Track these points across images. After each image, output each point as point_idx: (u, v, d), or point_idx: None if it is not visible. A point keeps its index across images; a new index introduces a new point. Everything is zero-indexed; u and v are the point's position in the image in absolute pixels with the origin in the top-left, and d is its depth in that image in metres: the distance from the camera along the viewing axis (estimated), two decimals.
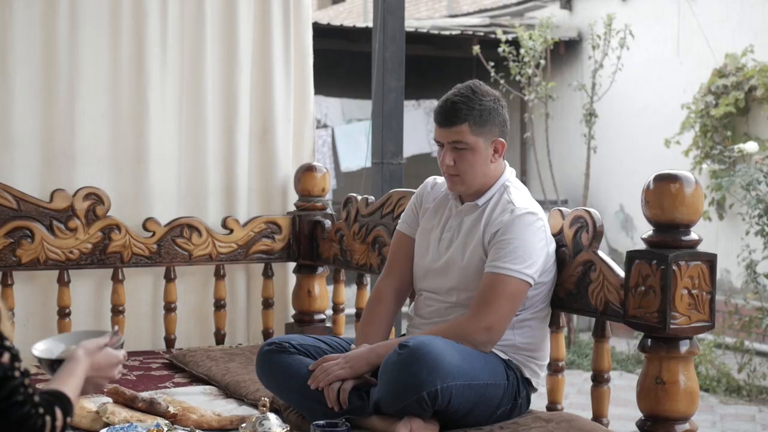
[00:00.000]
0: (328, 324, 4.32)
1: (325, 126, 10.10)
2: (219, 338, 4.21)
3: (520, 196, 2.93)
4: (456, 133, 2.89)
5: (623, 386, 6.62)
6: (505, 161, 3.01)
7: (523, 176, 10.68)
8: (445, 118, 2.90)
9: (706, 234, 8.38)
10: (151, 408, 2.91)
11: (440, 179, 3.14)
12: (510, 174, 3.01)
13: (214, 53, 4.25)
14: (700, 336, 3.09)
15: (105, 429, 2.78)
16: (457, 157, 2.91)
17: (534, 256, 2.83)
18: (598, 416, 2.93)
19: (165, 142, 4.15)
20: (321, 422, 2.60)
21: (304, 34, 4.47)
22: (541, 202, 8.72)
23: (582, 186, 8.64)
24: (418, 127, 10.33)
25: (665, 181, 2.59)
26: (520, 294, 2.83)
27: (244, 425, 2.62)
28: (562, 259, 2.94)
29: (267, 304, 4.29)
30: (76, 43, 4.02)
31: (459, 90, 2.93)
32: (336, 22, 10.37)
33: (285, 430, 2.60)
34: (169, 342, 4.12)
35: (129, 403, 2.93)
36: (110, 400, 2.98)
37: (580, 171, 8.84)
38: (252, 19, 4.32)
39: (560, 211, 3.00)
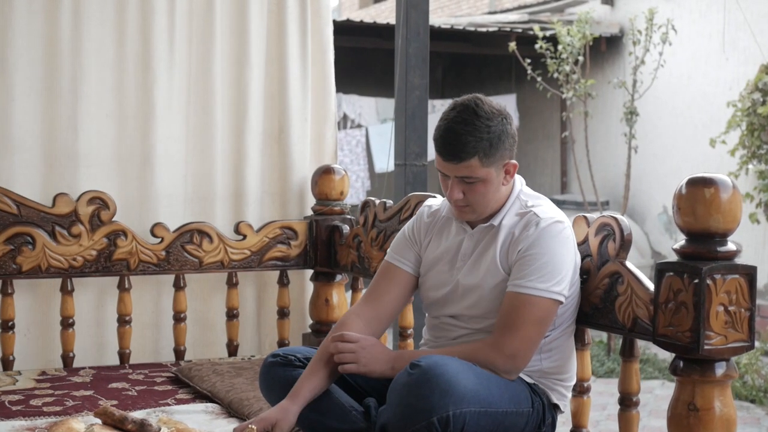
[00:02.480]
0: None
1: (359, 126, 9.90)
2: (232, 349, 4.01)
3: (542, 205, 2.67)
4: (464, 169, 2.58)
5: (666, 396, 6.35)
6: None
7: (563, 177, 10.42)
8: (450, 153, 2.58)
9: (753, 237, 8.17)
10: (142, 430, 2.69)
11: (435, 203, 2.88)
12: (521, 184, 2.75)
13: (224, 50, 4.05)
14: None
15: None
16: (466, 189, 2.62)
17: (563, 270, 2.56)
18: None
19: (172, 143, 3.96)
20: None
21: (324, 29, 4.25)
22: (581, 204, 8.56)
23: (623, 187, 8.35)
24: None
25: (699, 185, 2.32)
26: (548, 315, 2.57)
27: None
28: (587, 270, 2.70)
29: (283, 313, 4.08)
30: (79, 40, 3.83)
31: (461, 115, 2.58)
32: (378, 21, 10.14)
33: None
34: (179, 353, 3.93)
35: (118, 425, 2.70)
36: (99, 421, 2.77)
37: (621, 171, 8.56)
38: (265, 14, 4.11)
39: (585, 218, 2.76)
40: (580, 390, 2.81)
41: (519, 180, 2.75)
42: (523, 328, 2.54)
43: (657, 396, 6.49)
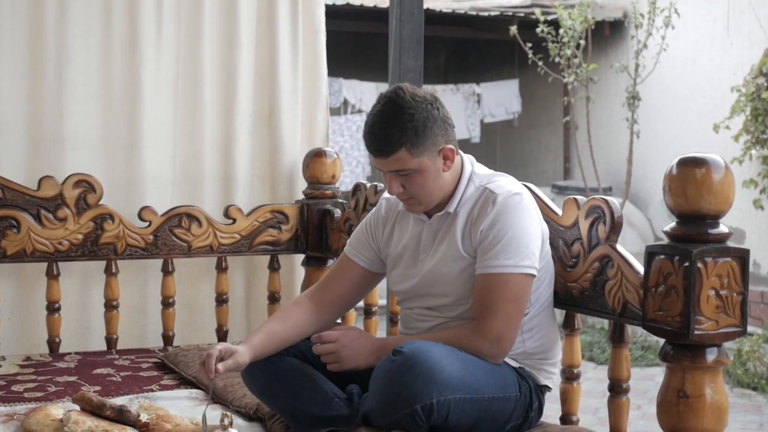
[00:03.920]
0: (338, 320, 4.03)
1: (359, 111, 9.81)
2: (221, 335, 3.95)
3: (496, 181, 2.60)
4: (395, 162, 2.53)
5: None
6: (460, 154, 2.65)
7: (566, 163, 10.33)
8: (377, 148, 2.53)
9: (757, 224, 8.07)
10: (121, 416, 2.64)
11: (390, 195, 2.80)
12: (471, 164, 2.67)
13: (213, 31, 3.98)
14: (748, 329, 2.71)
15: None
16: (404, 182, 2.56)
17: (530, 243, 2.50)
18: (616, 431, 2.60)
19: (160, 125, 3.90)
20: None
21: (315, 9, 4.18)
22: (583, 190, 8.47)
23: (626, 172, 8.28)
24: (457, 112, 9.99)
25: (690, 165, 2.24)
26: (524, 292, 2.51)
27: None
28: (576, 254, 2.63)
29: (273, 298, 4.02)
30: (65, 21, 3.77)
31: (383, 109, 2.52)
32: (379, 6, 10.03)
33: None
34: (167, 339, 3.87)
35: (96, 411, 2.65)
36: (77, 407, 2.72)
37: (624, 157, 8.48)
38: None
39: (575, 200, 2.68)
40: (570, 376, 2.75)
41: (468, 161, 2.68)
42: (502, 309, 2.48)
43: (658, 383, 6.38)
